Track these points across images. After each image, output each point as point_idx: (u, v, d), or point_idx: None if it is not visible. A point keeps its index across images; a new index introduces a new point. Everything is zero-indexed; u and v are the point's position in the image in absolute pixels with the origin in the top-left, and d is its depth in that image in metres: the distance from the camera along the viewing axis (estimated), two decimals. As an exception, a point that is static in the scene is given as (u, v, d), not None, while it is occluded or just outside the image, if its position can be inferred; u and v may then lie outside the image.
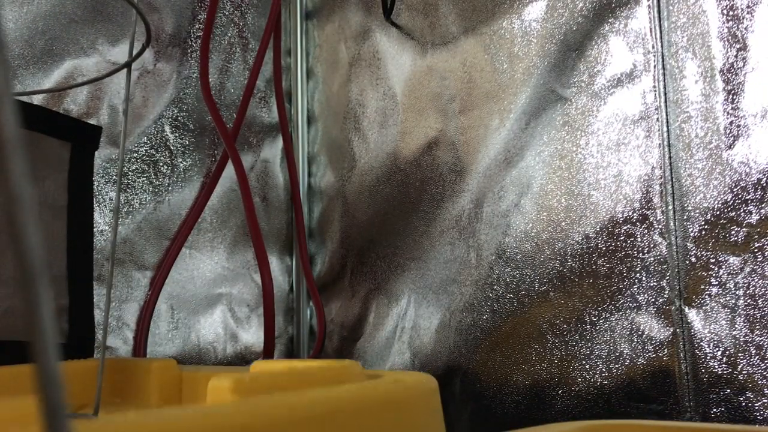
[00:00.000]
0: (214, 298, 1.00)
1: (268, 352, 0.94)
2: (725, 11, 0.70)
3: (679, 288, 0.71)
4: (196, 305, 0.97)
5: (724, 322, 0.68)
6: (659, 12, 0.75)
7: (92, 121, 0.87)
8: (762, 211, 0.66)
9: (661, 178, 0.73)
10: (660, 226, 0.73)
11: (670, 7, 0.74)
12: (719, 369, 0.68)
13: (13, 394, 0.36)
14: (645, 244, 0.74)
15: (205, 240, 1.00)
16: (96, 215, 0.86)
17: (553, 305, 0.80)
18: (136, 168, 0.92)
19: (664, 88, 0.74)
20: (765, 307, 0.66)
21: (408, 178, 0.98)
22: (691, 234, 0.71)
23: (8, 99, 0.15)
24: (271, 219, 1.09)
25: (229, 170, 0.99)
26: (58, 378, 0.15)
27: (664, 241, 0.72)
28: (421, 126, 0.97)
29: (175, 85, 0.97)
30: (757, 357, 0.65)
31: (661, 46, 0.75)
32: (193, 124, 0.99)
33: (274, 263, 1.08)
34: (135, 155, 0.92)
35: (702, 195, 0.70)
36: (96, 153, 0.86)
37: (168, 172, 0.96)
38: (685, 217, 0.71)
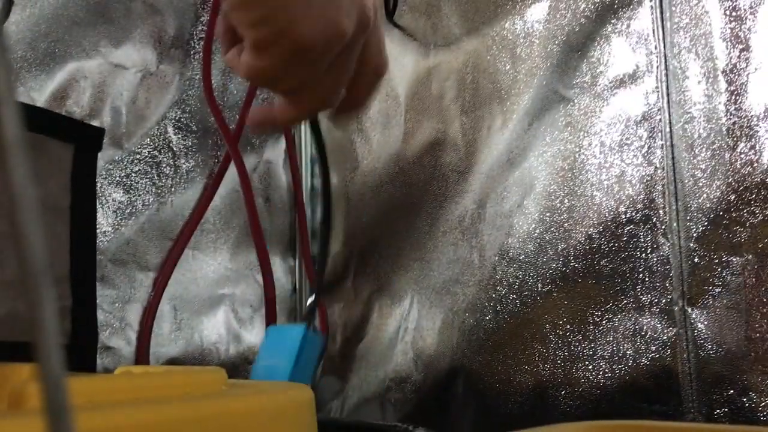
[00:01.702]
0: (217, 299, 1.00)
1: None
2: (728, 12, 0.70)
3: (682, 288, 0.71)
4: (199, 306, 0.98)
5: (727, 322, 0.68)
6: (662, 13, 0.75)
7: (95, 123, 0.87)
8: (765, 211, 0.66)
9: (663, 178, 0.73)
10: (663, 227, 0.73)
11: (673, 8, 0.74)
12: (722, 370, 0.68)
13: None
14: (648, 245, 0.74)
15: (208, 241, 1.00)
16: (99, 216, 0.86)
17: (556, 306, 0.80)
18: (139, 169, 0.92)
19: (667, 88, 0.74)
20: (768, 307, 0.65)
21: (411, 179, 0.98)
22: (694, 234, 0.71)
23: (11, 101, 0.15)
24: (274, 220, 1.09)
25: (232, 171, 0.99)
26: (62, 379, 0.15)
27: (667, 242, 0.72)
28: (424, 127, 0.97)
29: (178, 87, 0.98)
30: (761, 358, 0.65)
31: (664, 47, 0.75)
32: (195, 125, 0.99)
33: (277, 264, 1.08)
34: (138, 156, 0.92)
35: (705, 195, 0.70)
36: (99, 154, 0.86)
37: (171, 173, 0.96)
38: (688, 218, 0.71)
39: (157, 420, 0.35)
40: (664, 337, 0.72)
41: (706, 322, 0.69)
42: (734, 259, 0.68)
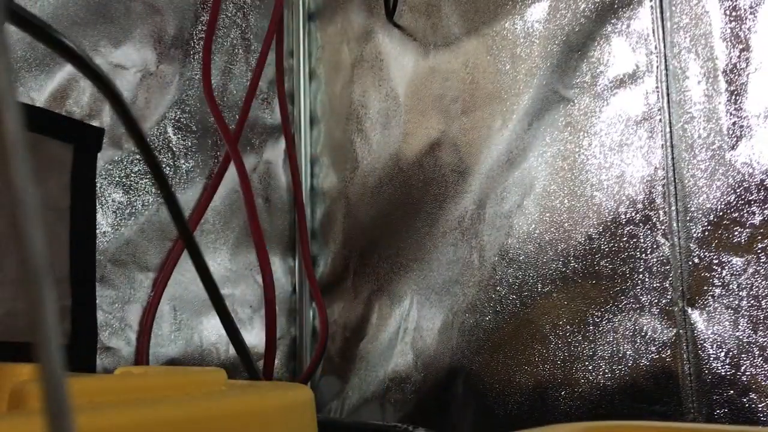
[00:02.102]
0: (216, 300, 1.00)
1: (269, 354, 0.94)
2: (728, 12, 0.70)
3: (682, 289, 0.71)
4: (198, 306, 0.98)
5: (727, 323, 0.68)
6: (662, 13, 0.75)
7: (95, 123, 0.87)
8: (765, 212, 0.66)
9: (663, 179, 0.73)
10: (663, 227, 0.73)
11: (673, 8, 0.74)
12: (722, 370, 0.68)
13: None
14: (648, 245, 0.74)
15: (207, 241, 1.00)
16: (98, 217, 0.86)
17: (556, 306, 0.80)
18: (139, 169, 0.92)
19: (667, 88, 0.74)
20: (768, 308, 0.65)
21: (410, 179, 0.98)
22: (694, 235, 0.71)
23: (12, 101, 0.15)
24: (274, 220, 1.09)
25: (232, 172, 0.99)
26: (62, 378, 0.15)
27: (667, 242, 0.72)
28: (424, 127, 0.97)
29: (178, 87, 0.98)
30: (761, 358, 0.65)
31: (664, 47, 0.75)
32: (195, 125, 0.99)
33: (277, 264, 1.08)
34: (138, 157, 0.92)
35: (705, 196, 0.70)
36: (98, 155, 0.86)
37: (170, 173, 0.96)
38: (688, 218, 0.71)
39: (157, 420, 0.35)
40: (664, 338, 0.72)
41: (706, 322, 0.69)
42: (734, 259, 0.68)
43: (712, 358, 0.68)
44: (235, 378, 0.96)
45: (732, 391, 0.67)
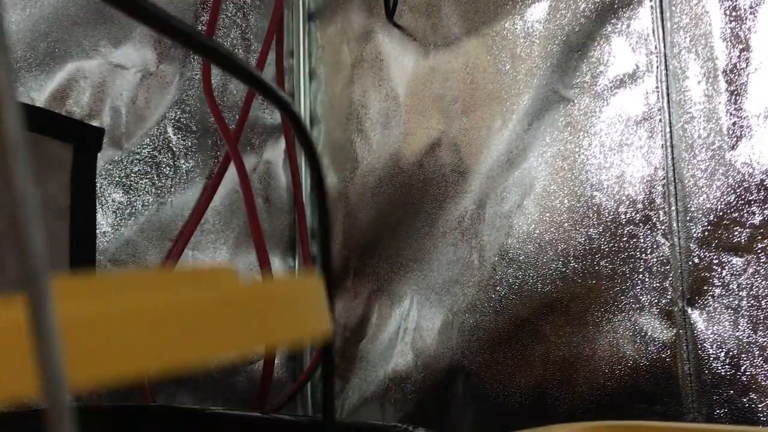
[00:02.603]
0: (216, 300, 1.00)
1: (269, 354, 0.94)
2: (728, 12, 0.70)
3: (682, 289, 0.71)
4: (198, 306, 0.97)
5: (727, 323, 0.68)
6: (662, 13, 0.75)
7: (95, 123, 0.87)
8: (765, 212, 0.66)
9: (664, 179, 0.73)
10: (663, 227, 0.73)
11: (673, 8, 0.74)
12: (722, 370, 0.68)
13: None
14: (648, 245, 0.74)
15: (207, 241, 1.00)
16: (99, 217, 0.86)
17: (556, 306, 0.80)
18: (139, 169, 0.92)
19: (667, 88, 0.74)
20: (768, 308, 0.65)
21: (410, 179, 0.98)
22: (694, 235, 0.71)
23: (12, 101, 0.15)
24: (274, 220, 1.09)
25: (232, 172, 0.99)
26: (62, 378, 0.15)
27: (667, 242, 0.72)
28: (424, 127, 0.97)
29: (178, 87, 0.98)
30: (761, 358, 0.65)
31: (664, 47, 0.75)
32: (195, 125, 0.99)
33: (277, 264, 1.08)
34: (137, 157, 0.92)
35: (705, 196, 0.70)
36: (98, 154, 0.86)
37: (170, 173, 0.96)
38: (688, 218, 0.71)
39: (166, 304, 0.34)
40: (664, 338, 0.72)
41: (706, 322, 0.69)
42: (734, 259, 0.68)
43: (712, 358, 0.68)
44: (235, 378, 0.96)
45: (732, 391, 0.67)
